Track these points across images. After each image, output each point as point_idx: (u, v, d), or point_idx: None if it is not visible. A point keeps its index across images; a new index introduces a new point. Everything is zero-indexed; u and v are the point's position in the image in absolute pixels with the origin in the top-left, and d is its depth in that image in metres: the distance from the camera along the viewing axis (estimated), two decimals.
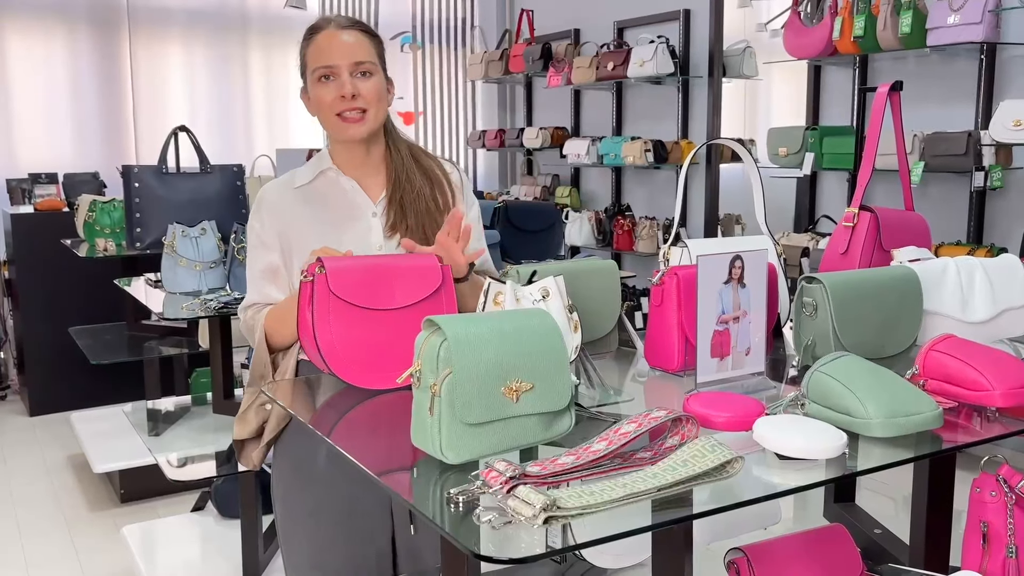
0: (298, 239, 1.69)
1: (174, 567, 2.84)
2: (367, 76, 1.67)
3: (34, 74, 5.40)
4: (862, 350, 1.43)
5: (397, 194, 1.72)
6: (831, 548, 1.62)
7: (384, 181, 1.75)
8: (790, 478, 1.12)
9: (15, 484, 3.80)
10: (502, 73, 6.06)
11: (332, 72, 1.66)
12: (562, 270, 1.54)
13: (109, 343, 3.77)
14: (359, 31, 1.70)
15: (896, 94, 1.91)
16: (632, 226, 5.08)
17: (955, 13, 3.42)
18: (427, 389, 1.12)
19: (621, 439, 1.08)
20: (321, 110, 1.69)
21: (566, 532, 0.95)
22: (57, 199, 4.93)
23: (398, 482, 1.18)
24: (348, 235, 1.70)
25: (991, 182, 3.43)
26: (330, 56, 1.66)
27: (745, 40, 4.66)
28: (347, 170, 1.75)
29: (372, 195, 1.74)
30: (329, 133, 1.74)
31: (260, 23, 5.95)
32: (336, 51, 1.66)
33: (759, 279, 1.49)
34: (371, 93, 1.67)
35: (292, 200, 1.73)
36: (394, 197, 1.72)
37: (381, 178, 1.76)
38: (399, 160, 1.75)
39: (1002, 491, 1.45)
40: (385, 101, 1.73)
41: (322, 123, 1.72)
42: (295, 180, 1.75)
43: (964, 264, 1.70)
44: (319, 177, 1.75)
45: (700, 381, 1.44)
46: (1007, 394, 1.28)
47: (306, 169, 1.77)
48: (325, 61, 1.67)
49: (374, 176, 1.76)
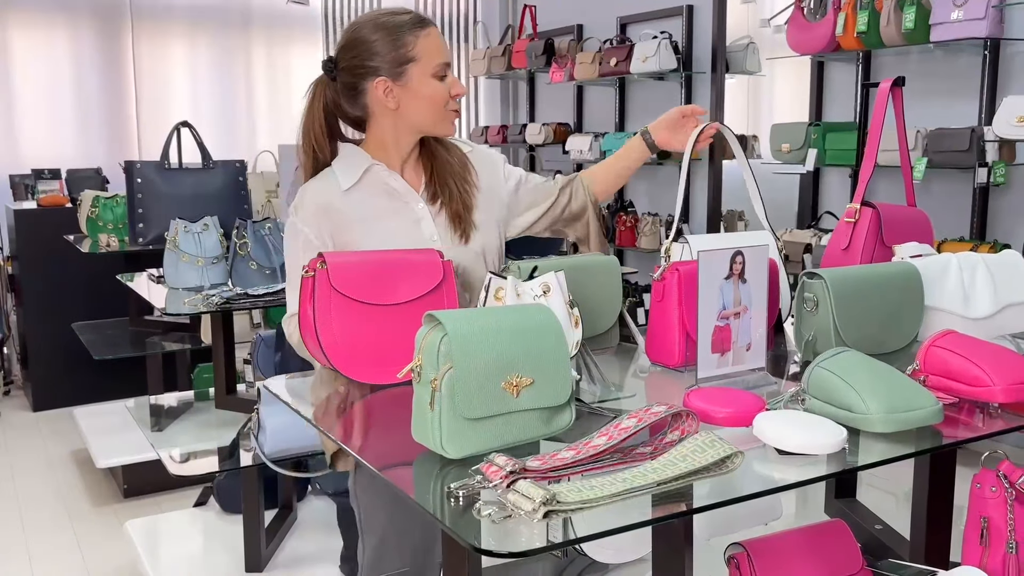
0: (352, 240, 1.72)
1: (177, 562, 2.85)
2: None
3: (37, 70, 5.40)
4: (863, 346, 1.43)
5: (431, 167, 1.80)
6: (831, 543, 1.62)
7: (422, 171, 1.81)
8: (790, 473, 1.12)
9: (19, 479, 3.81)
10: (505, 69, 6.05)
11: (447, 70, 1.74)
12: (563, 266, 1.54)
13: (112, 339, 3.78)
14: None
15: (898, 90, 1.91)
16: (635, 222, 5.07)
17: (959, 9, 3.42)
18: (427, 384, 1.13)
19: (621, 434, 1.08)
20: (433, 103, 1.74)
21: (566, 526, 0.96)
22: (60, 195, 4.94)
23: (399, 476, 1.18)
24: (401, 229, 1.75)
25: (994, 178, 3.42)
26: (446, 54, 1.75)
27: (748, 36, 4.65)
28: (392, 165, 1.79)
29: (415, 186, 1.80)
30: (424, 126, 1.78)
31: (263, 19, 5.95)
32: (447, 51, 1.75)
33: (760, 275, 1.49)
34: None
35: (342, 202, 1.73)
36: (432, 174, 1.80)
37: (420, 168, 1.82)
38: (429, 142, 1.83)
39: (1002, 487, 1.45)
40: None
41: (417, 117, 1.75)
42: (340, 182, 1.74)
43: (966, 260, 1.70)
44: (366, 175, 1.76)
45: (701, 377, 1.44)
46: (1008, 390, 1.28)
47: (346, 169, 1.76)
48: (445, 58, 1.75)
49: (415, 168, 1.82)
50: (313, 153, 1.78)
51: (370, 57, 1.71)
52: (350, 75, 1.74)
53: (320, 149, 1.77)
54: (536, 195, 1.94)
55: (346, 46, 1.75)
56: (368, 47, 1.71)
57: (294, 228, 1.75)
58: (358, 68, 1.73)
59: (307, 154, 1.78)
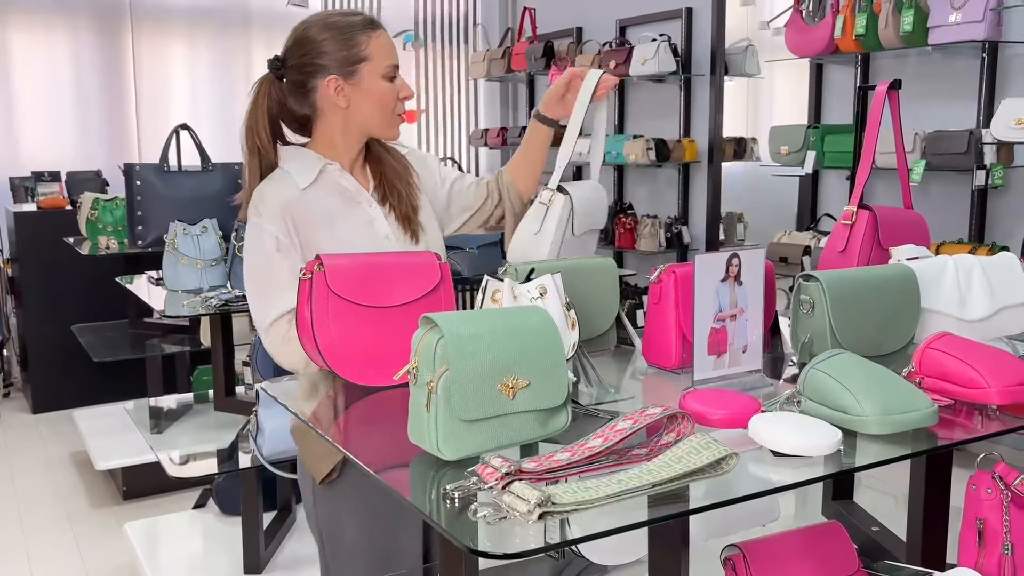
0: (314, 239, 1.70)
1: (176, 563, 2.85)
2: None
3: (37, 72, 5.41)
4: (859, 348, 1.43)
5: (378, 170, 1.81)
6: (828, 545, 1.62)
7: (369, 174, 1.82)
8: (785, 475, 1.13)
9: (18, 481, 3.82)
10: (504, 71, 6.05)
11: (397, 72, 1.74)
12: (560, 268, 1.55)
13: (111, 341, 3.78)
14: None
15: (895, 92, 1.91)
16: (634, 224, 5.08)
17: (957, 11, 3.42)
18: (424, 386, 1.13)
19: (617, 436, 1.09)
20: (382, 104, 1.74)
21: (562, 528, 0.96)
22: (60, 197, 4.95)
23: (395, 478, 1.19)
24: (356, 228, 1.75)
25: (992, 181, 3.43)
26: (396, 57, 1.74)
27: (747, 38, 4.65)
28: (343, 165, 1.79)
29: (364, 187, 1.80)
30: (371, 127, 1.77)
31: (262, 21, 5.96)
32: (396, 54, 1.74)
33: (756, 277, 1.50)
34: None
35: (300, 202, 1.71)
36: (381, 177, 1.80)
37: (367, 170, 1.83)
38: (374, 145, 1.84)
39: (998, 488, 1.45)
40: None
41: (366, 117, 1.75)
42: (297, 182, 1.72)
43: (962, 262, 1.70)
44: (321, 175, 1.75)
45: (697, 378, 1.44)
46: (1003, 392, 1.28)
47: (301, 169, 1.74)
48: (395, 60, 1.74)
49: (362, 169, 1.82)
50: (258, 153, 1.74)
51: (320, 55, 1.70)
52: (299, 73, 1.73)
53: (265, 150, 1.74)
54: (469, 197, 1.96)
55: (295, 44, 1.73)
56: (318, 45, 1.70)
57: (258, 230, 1.71)
58: (307, 66, 1.72)
59: (252, 154, 1.75)
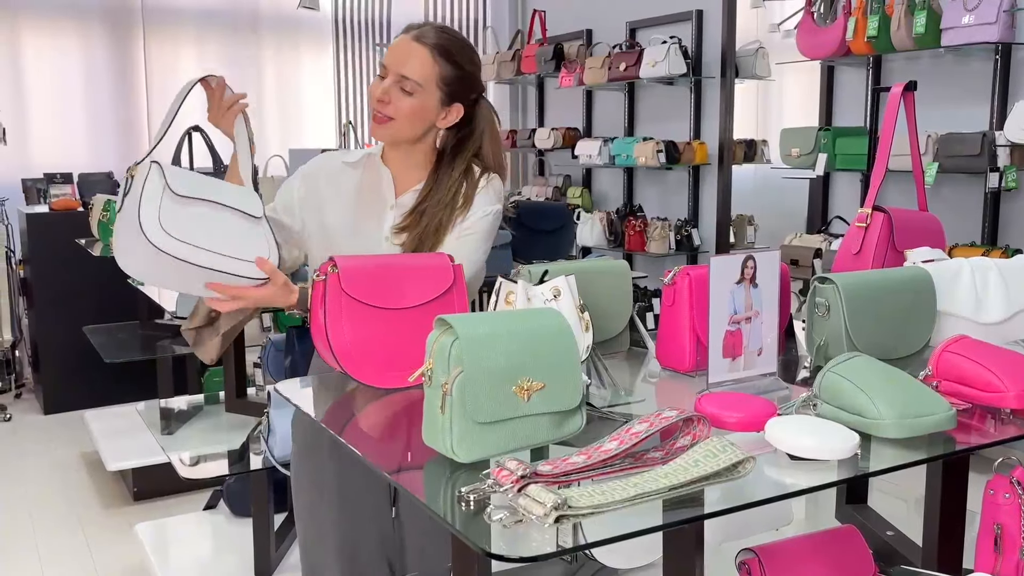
0: (320, 206, 1.80)
1: (186, 564, 2.85)
2: (405, 94, 1.72)
3: (49, 75, 5.43)
4: (875, 351, 1.42)
5: (421, 206, 1.75)
6: (843, 549, 1.61)
7: (419, 185, 1.79)
8: (802, 479, 1.12)
9: (29, 481, 3.83)
10: (514, 74, 6.06)
11: (384, 72, 1.76)
12: (573, 270, 1.54)
13: (123, 342, 3.79)
14: (428, 48, 1.72)
15: (910, 94, 1.90)
16: (644, 227, 5.06)
17: (970, 13, 3.40)
18: (438, 388, 1.13)
19: (632, 439, 1.08)
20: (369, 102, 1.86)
21: (577, 531, 0.96)
22: (72, 199, 4.96)
23: (409, 480, 1.18)
24: (363, 220, 1.78)
25: (1006, 183, 3.41)
26: (388, 57, 1.76)
27: (758, 40, 4.64)
28: (389, 163, 1.82)
29: (399, 191, 1.81)
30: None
31: (273, 24, 5.97)
32: (394, 55, 1.75)
33: (771, 279, 1.49)
34: (401, 108, 1.72)
35: (335, 170, 1.84)
36: (418, 207, 1.75)
37: (417, 182, 1.79)
38: (445, 180, 1.77)
39: (1016, 493, 1.44)
40: (420, 120, 1.75)
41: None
42: (347, 156, 1.86)
43: (978, 265, 1.69)
44: (365, 159, 1.84)
45: (712, 381, 1.43)
46: (1021, 395, 1.27)
47: (359, 151, 1.87)
48: (384, 59, 1.78)
49: (411, 176, 1.80)
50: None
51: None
52: None
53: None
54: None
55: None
56: None
57: (289, 182, 1.87)
58: None
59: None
